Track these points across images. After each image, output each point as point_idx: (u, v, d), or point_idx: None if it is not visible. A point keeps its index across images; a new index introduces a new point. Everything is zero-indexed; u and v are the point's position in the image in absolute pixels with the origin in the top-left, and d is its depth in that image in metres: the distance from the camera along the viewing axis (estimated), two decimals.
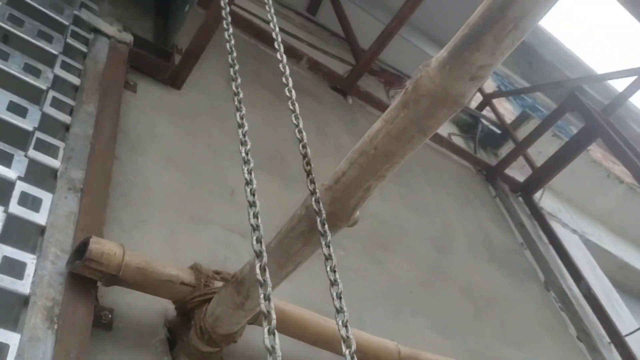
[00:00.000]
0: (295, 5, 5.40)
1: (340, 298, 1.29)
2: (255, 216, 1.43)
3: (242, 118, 1.70)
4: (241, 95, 1.75)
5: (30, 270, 1.73)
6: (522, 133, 6.14)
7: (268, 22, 1.90)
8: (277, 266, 1.66)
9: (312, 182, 1.50)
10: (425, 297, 3.42)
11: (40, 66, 2.49)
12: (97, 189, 2.10)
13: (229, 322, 1.79)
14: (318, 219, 1.41)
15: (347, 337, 1.23)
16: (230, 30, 1.93)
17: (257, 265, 1.32)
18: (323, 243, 1.37)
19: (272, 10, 1.87)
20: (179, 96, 3.18)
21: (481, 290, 3.97)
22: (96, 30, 2.89)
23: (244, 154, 1.57)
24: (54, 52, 2.61)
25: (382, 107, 4.76)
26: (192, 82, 3.25)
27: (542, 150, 6.07)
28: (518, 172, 6.00)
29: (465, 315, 3.62)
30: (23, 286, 1.69)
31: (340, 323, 1.25)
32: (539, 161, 5.77)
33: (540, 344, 4.01)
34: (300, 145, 1.55)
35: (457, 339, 3.30)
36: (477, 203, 5.16)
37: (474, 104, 6.60)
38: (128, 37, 2.96)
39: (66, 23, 2.79)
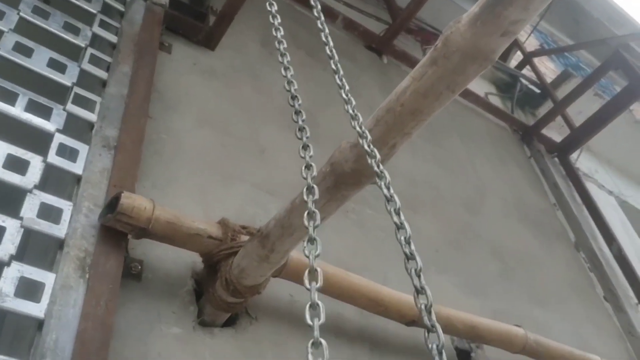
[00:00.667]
0: None
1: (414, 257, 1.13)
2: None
3: (289, 83, 1.71)
4: (288, 59, 1.74)
5: (66, 216, 1.84)
6: (562, 92, 5.96)
7: None
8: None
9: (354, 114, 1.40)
10: (452, 256, 3.44)
11: (79, 24, 2.58)
12: (130, 147, 2.18)
13: (254, 274, 1.85)
14: (364, 141, 1.31)
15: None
16: None
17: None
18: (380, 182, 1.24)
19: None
20: (212, 57, 3.22)
21: (510, 250, 3.97)
22: None
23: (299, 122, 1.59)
24: (93, 10, 2.69)
25: None
26: (226, 43, 3.29)
27: (583, 110, 5.87)
28: (556, 132, 5.87)
29: (493, 275, 3.63)
30: (59, 230, 1.79)
31: (423, 307, 1.08)
32: (579, 121, 5.60)
33: (566, 303, 4.01)
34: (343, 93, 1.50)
35: (482, 297, 3.33)
36: (511, 163, 5.11)
37: (513, 63, 6.46)
38: None
39: None
